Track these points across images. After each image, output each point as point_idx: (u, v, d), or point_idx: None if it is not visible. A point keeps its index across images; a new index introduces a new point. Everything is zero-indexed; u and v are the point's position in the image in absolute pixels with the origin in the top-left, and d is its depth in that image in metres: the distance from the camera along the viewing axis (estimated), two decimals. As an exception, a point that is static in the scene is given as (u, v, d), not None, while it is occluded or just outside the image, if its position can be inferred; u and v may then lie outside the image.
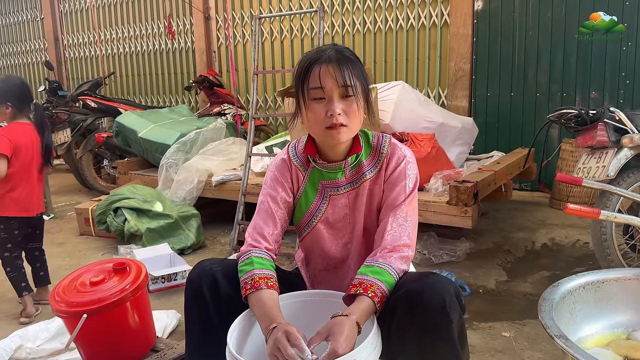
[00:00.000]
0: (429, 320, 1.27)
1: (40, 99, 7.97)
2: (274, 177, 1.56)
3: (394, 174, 1.49)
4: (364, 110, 1.45)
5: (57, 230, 4.40)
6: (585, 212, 1.70)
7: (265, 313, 1.33)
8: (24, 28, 8.87)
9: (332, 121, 1.37)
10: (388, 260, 1.39)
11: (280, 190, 1.54)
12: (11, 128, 2.70)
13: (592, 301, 1.40)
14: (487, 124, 4.84)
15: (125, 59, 7.55)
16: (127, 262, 2.16)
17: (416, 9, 5.15)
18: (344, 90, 1.38)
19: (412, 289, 1.31)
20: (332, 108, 1.37)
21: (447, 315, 1.26)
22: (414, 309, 1.28)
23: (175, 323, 2.54)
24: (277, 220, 1.52)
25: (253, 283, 1.39)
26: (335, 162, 1.50)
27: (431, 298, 1.27)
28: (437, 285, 1.30)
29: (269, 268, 1.45)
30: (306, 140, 1.53)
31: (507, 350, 2.21)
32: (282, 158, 1.58)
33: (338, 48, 1.43)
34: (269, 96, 6.24)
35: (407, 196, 1.47)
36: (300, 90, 1.42)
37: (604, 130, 2.61)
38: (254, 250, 1.48)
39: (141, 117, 5.00)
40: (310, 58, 1.41)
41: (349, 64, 1.39)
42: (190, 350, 1.52)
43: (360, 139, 1.50)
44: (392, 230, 1.43)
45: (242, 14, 6.28)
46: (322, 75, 1.37)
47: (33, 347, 2.25)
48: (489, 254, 3.39)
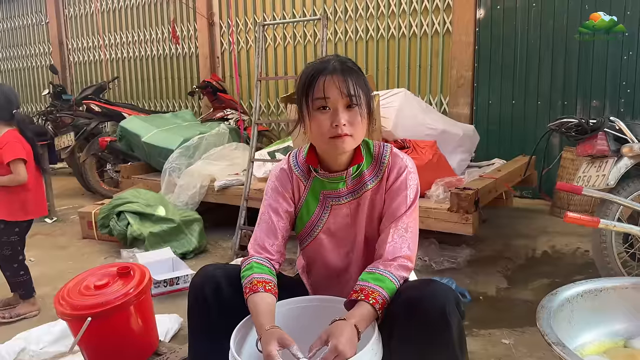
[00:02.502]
0: (429, 327, 1.29)
1: (44, 103, 8.03)
2: (274, 187, 1.57)
3: (395, 184, 1.50)
4: (367, 120, 1.46)
5: (59, 233, 4.42)
6: (585, 221, 1.72)
7: (257, 316, 1.36)
8: (29, 32, 8.92)
9: (337, 132, 1.39)
10: (389, 269, 1.41)
11: (282, 201, 1.55)
12: (14, 134, 2.71)
13: (590, 309, 1.41)
14: (488, 131, 4.86)
15: (129, 64, 7.59)
16: (131, 266, 2.18)
17: (419, 17, 5.18)
18: (348, 100, 1.39)
19: (411, 296, 1.33)
20: (338, 119, 1.39)
21: (447, 322, 1.28)
22: (414, 316, 1.30)
23: (177, 327, 2.55)
24: (277, 231, 1.54)
25: (251, 286, 1.42)
26: (336, 172, 1.51)
27: (431, 305, 1.29)
28: (436, 292, 1.32)
29: (267, 272, 1.47)
30: (308, 150, 1.54)
31: (507, 357, 2.22)
32: (282, 168, 1.58)
33: (341, 59, 1.45)
34: (272, 102, 6.28)
35: (408, 207, 1.48)
36: (304, 100, 1.43)
37: (604, 139, 2.63)
38: (255, 256, 1.51)
39: (145, 122, 5.03)
40: (315, 68, 1.43)
41: (353, 74, 1.41)
42: (193, 354, 1.54)
43: (361, 149, 1.51)
44: (393, 241, 1.45)
45: (246, 20, 6.32)
46: (327, 86, 1.39)
47: (36, 350, 2.26)
48: (489, 261, 3.40)
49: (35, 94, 9.01)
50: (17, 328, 2.57)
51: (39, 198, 2.84)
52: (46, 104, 7.42)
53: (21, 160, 2.65)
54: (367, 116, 1.45)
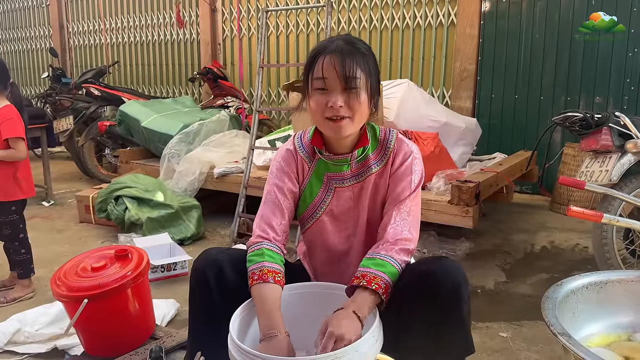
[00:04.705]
0: (443, 301, 1.31)
1: (44, 86, 7.97)
2: (279, 167, 1.55)
3: (400, 169, 1.49)
4: (372, 105, 1.44)
5: (57, 217, 4.40)
6: (588, 215, 1.71)
7: (266, 311, 1.34)
8: (29, 14, 8.85)
9: (332, 112, 1.37)
10: (390, 253, 1.40)
11: (287, 180, 1.54)
12: (14, 111, 2.69)
13: (594, 301, 1.41)
14: (490, 125, 4.84)
15: (130, 49, 7.53)
16: (129, 249, 2.16)
17: (423, 8, 5.14)
18: (345, 82, 1.36)
19: (425, 270, 1.35)
20: (333, 100, 1.37)
21: (460, 297, 1.31)
22: (428, 289, 1.32)
23: (173, 312, 2.54)
24: (284, 210, 1.52)
25: (261, 274, 1.39)
26: (341, 154, 1.50)
27: (445, 279, 1.31)
28: (450, 268, 1.34)
29: (278, 263, 1.45)
30: (313, 131, 1.53)
31: (504, 350, 2.22)
32: (288, 148, 1.57)
33: (349, 39, 1.42)
34: (273, 90, 6.24)
35: (412, 191, 1.48)
36: (305, 79, 1.42)
37: (608, 134, 2.62)
38: (265, 242, 1.47)
39: (145, 107, 4.99)
40: (318, 47, 1.41)
41: (355, 56, 1.37)
42: (192, 337, 1.53)
43: (367, 132, 1.50)
44: (395, 224, 1.44)
45: (249, 7, 6.26)
46: (325, 66, 1.36)
47: (32, 331, 2.24)
48: (488, 254, 3.39)
49: (35, 77, 8.95)
50: (13, 309, 2.56)
51: (31, 177, 2.83)
52: (45, 86, 7.38)
53: (22, 138, 2.66)
54: (370, 99, 1.42)
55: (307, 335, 1.38)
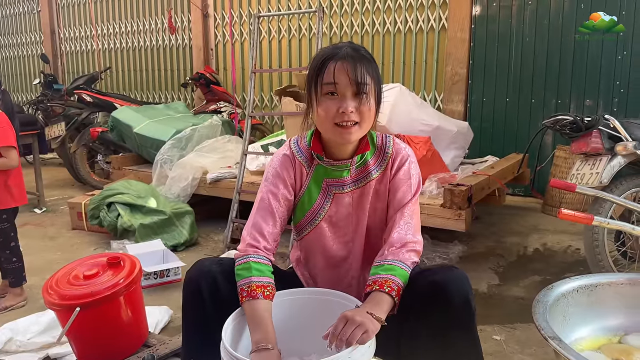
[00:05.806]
0: (454, 311, 1.32)
1: (35, 92, 7.94)
2: (275, 173, 1.54)
3: (399, 173, 1.51)
4: (375, 110, 1.45)
5: (49, 224, 4.37)
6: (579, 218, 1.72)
7: (257, 326, 1.34)
8: (21, 20, 8.81)
9: (342, 118, 1.38)
10: (398, 257, 1.42)
11: (282, 187, 1.53)
12: (5, 119, 2.68)
13: (585, 304, 1.42)
14: (482, 128, 4.87)
15: (122, 54, 7.52)
16: (122, 257, 2.15)
17: (414, 13, 5.17)
18: (357, 88, 1.37)
19: (436, 280, 1.36)
20: (345, 105, 1.37)
21: (471, 308, 1.34)
22: (439, 299, 1.33)
23: (167, 319, 2.53)
24: (277, 218, 1.51)
25: (250, 291, 1.39)
26: (341, 160, 1.50)
27: (457, 290, 1.33)
28: (460, 279, 1.36)
29: (267, 275, 1.44)
30: (312, 137, 1.52)
31: (498, 353, 2.23)
32: (285, 153, 1.56)
33: (354, 46, 1.43)
34: (265, 95, 6.24)
35: (413, 195, 1.51)
36: (313, 85, 1.42)
37: (598, 137, 2.64)
38: (252, 254, 1.46)
39: (137, 113, 4.98)
40: (326, 54, 1.41)
41: (364, 62, 1.39)
42: (186, 346, 1.52)
43: (367, 138, 1.51)
44: (399, 228, 1.47)
45: (241, 12, 6.27)
46: (337, 72, 1.37)
47: (23, 340, 2.23)
48: (481, 257, 3.41)
49: (26, 83, 8.91)
50: (4, 318, 2.54)
51: (22, 185, 2.82)
52: (37, 93, 7.34)
53: (13, 147, 2.66)
54: (376, 106, 1.44)
55: (299, 341, 1.38)
